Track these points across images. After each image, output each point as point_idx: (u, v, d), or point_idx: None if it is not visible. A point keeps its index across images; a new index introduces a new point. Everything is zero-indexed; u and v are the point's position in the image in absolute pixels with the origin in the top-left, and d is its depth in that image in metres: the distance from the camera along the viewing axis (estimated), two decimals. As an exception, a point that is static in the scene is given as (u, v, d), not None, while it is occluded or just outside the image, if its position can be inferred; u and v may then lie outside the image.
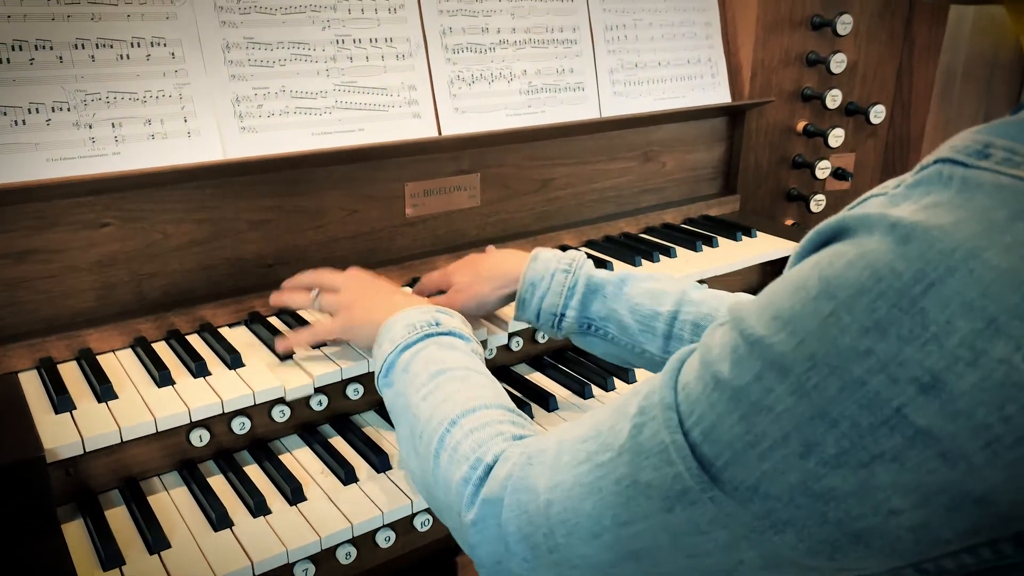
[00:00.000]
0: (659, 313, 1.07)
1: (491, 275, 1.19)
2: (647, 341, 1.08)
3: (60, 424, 1.00)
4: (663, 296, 1.08)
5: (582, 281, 1.12)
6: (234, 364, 1.15)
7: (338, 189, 1.38)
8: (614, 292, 1.10)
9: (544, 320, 1.13)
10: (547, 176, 1.64)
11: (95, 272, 1.19)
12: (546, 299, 1.12)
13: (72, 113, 1.13)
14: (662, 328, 1.06)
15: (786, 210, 2.04)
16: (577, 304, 1.11)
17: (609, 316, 1.10)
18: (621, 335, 1.10)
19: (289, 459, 1.15)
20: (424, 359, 0.96)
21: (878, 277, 0.50)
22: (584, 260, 1.14)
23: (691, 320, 1.05)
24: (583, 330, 1.12)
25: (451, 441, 0.83)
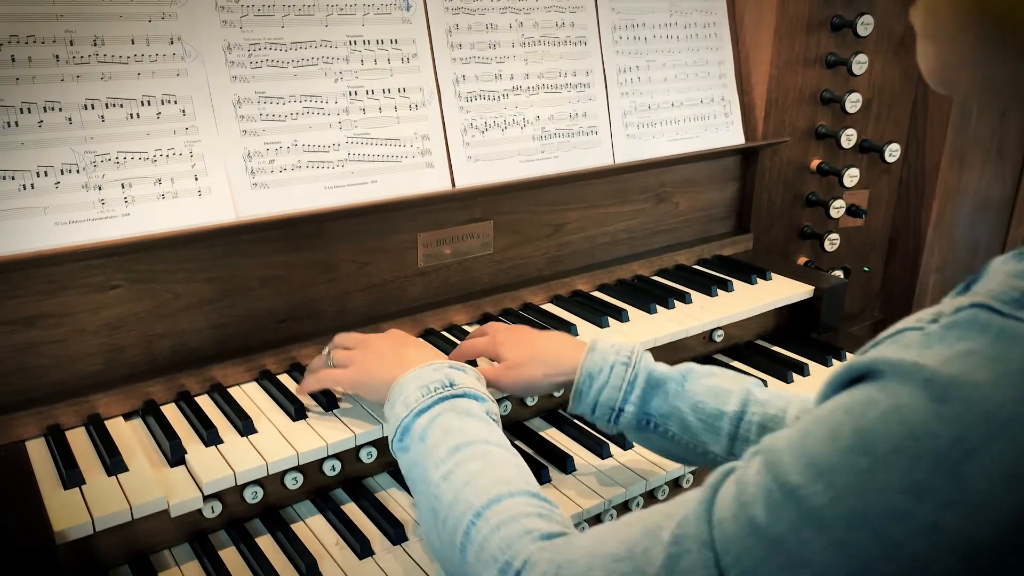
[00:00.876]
0: (724, 413, 1.03)
1: (547, 359, 1.14)
2: (711, 442, 1.04)
3: (69, 502, 0.97)
4: (727, 395, 1.04)
5: (642, 376, 1.07)
6: (246, 431, 1.12)
7: (349, 242, 1.35)
8: (676, 389, 1.06)
9: (600, 414, 1.09)
10: (560, 221, 1.62)
11: (104, 335, 1.16)
12: (604, 392, 1.08)
13: (81, 175, 1.11)
14: (727, 429, 1.03)
15: (799, 248, 2.02)
16: (637, 400, 1.06)
17: (671, 414, 1.06)
18: (683, 434, 1.06)
19: (303, 529, 1.12)
20: (441, 429, 0.93)
21: (915, 437, 0.49)
22: (643, 353, 1.10)
23: (758, 422, 1.02)
24: (642, 427, 1.08)
25: (477, 536, 0.81)
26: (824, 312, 1.73)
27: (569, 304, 1.57)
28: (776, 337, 1.73)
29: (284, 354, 1.29)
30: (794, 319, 1.76)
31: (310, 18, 1.29)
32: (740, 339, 1.70)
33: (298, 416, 1.16)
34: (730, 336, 1.66)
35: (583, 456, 1.30)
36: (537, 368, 1.14)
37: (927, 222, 2.08)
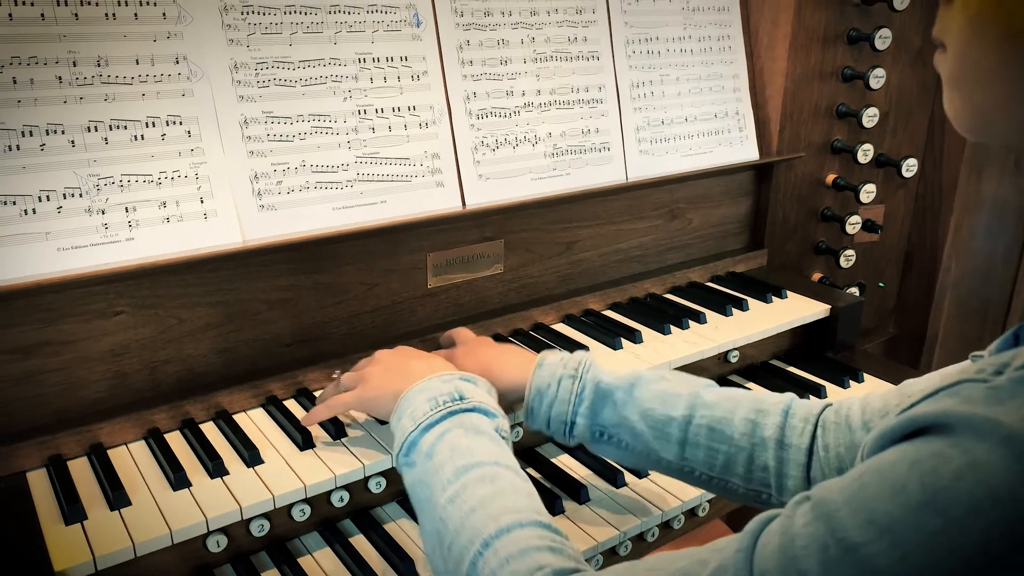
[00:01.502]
0: (672, 419, 1.02)
1: (499, 376, 1.12)
2: (662, 448, 1.02)
3: (71, 539, 0.94)
4: (675, 400, 1.03)
5: (590, 387, 1.06)
6: (252, 461, 1.09)
7: (358, 263, 1.32)
8: (624, 398, 1.05)
9: (555, 428, 1.08)
10: (571, 239, 1.59)
11: (107, 362, 1.13)
12: (554, 407, 1.07)
13: (84, 199, 1.08)
14: (676, 435, 1.01)
15: (814, 264, 1.98)
16: (587, 411, 1.05)
17: (621, 423, 1.05)
18: (634, 442, 1.04)
19: (310, 563, 1.09)
20: (449, 446, 0.91)
21: (995, 499, 0.46)
22: (591, 364, 1.09)
23: (706, 424, 1.01)
24: (596, 438, 1.07)
25: (485, 568, 0.78)
26: (840, 331, 1.69)
27: (581, 324, 1.53)
28: (792, 356, 1.70)
29: (291, 379, 1.26)
30: (810, 338, 1.72)
31: (318, 35, 1.26)
32: (755, 359, 1.67)
33: (306, 446, 1.13)
34: (745, 356, 1.62)
35: (597, 485, 1.27)
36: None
37: (943, 237, 2.04)
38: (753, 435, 0.98)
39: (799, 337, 1.72)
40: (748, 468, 0.98)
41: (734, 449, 0.99)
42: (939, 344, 2.15)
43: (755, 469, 0.98)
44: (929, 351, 2.15)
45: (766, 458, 0.97)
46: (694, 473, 1.02)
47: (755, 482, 0.99)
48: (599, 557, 1.16)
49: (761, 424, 0.98)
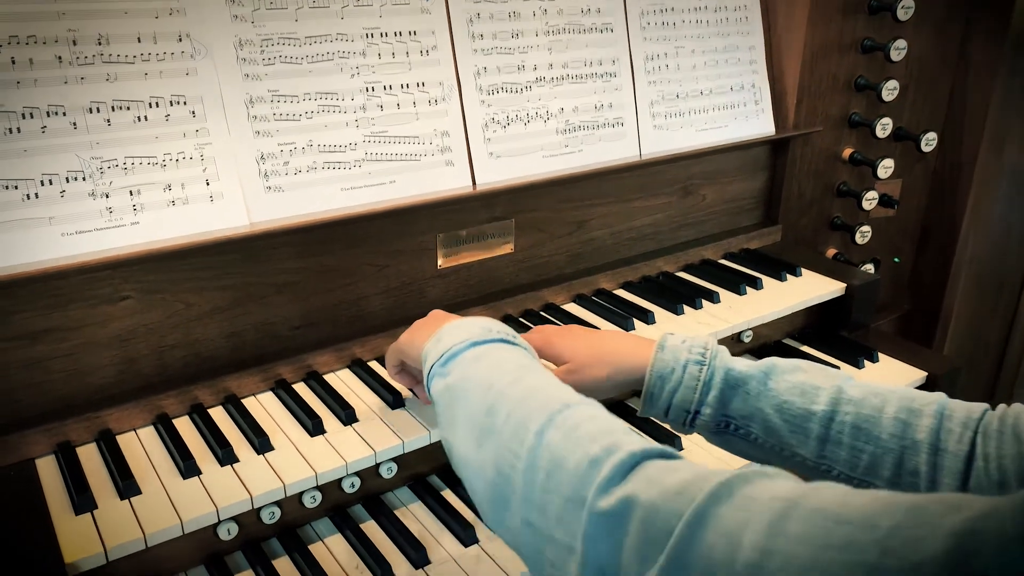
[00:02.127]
0: (813, 414, 0.94)
1: (613, 361, 1.04)
2: (799, 444, 0.95)
3: (81, 530, 0.93)
4: (816, 393, 0.95)
5: (719, 375, 0.98)
6: (262, 448, 1.08)
7: (367, 245, 1.30)
8: (758, 388, 0.96)
9: (674, 417, 1.01)
10: (583, 217, 1.56)
11: (114, 347, 1.12)
12: (677, 395, 0.99)
13: (88, 183, 1.06)
14: (816, 430, 0.93)
15: (829, 239, 1.95)
16: (714, 401, 0.97)
17: (752, 415, 0.97)
18: (767, 437, 0.97)
19: (321, 550, 1.08)
20: (502, 356, 0.84)
21: None
22: (718, 349, 1.01)
23: (850, 422, 0.92)
24: (720, 429, 0.99)
25: (565, 422, 0.71)
26: (856, 309, 1.67)
27: (592, 305, 1.51)
28: (805, 336, 1.68)
29: (300, 363, 1.25)
30: (824, 316, 1.70)
31: (325, 10, 1.22)
32: (769, 338, 1.65)
33: (316, 431, 1.12)
34: (758, 336, 1.60)
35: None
36: (602, 369, 1.05)
37: (961, 213, 2.01)
38: (903, 436, 0.90)
39: (813, 316, 1.70)
40: (896, 471, 0.91)
41: (881, 450, 0.91)
42: (953, 319, 2.13)
43: (904, 473, 0.90)
44: (943, 327, 2.13)
45: (917, 462, 0.89)
46: (832, 472, 0.95)
47: (903, 487, 0.90)
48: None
49: (913, 425, 0.90)
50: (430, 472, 1.23)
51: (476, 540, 1.10)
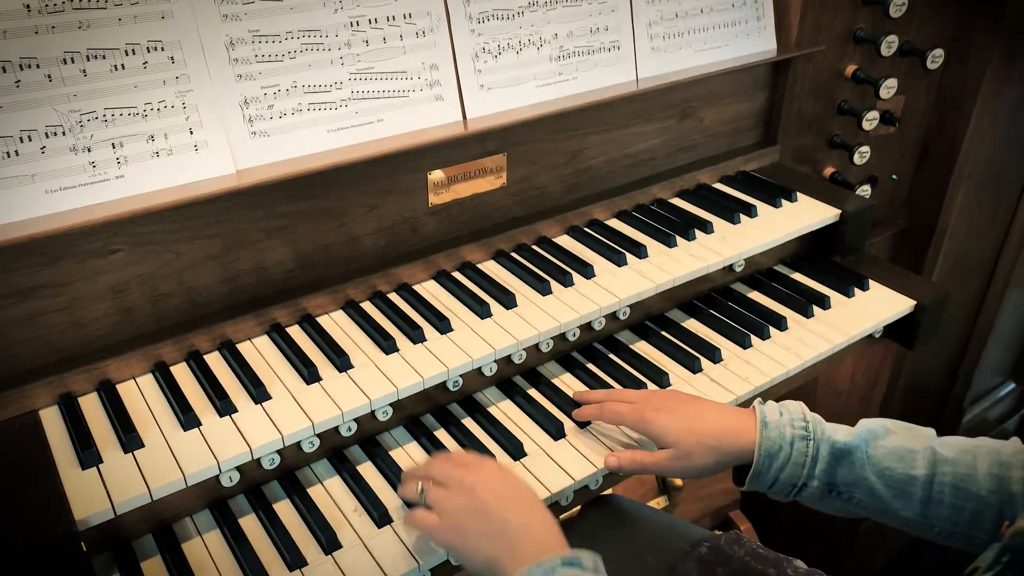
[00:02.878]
0: (915, 479, 1.00)
1: (718, 446, 1.06)
2: (902, 508, 1.01)
3: (88, 485, 0.97)
4: (913, 457, 1.01)
5: (825, 448, 1.03)
6: (260, 398, 1.11)
7: (357, 186, 1.28)
8: (862, 459, 1.02)
9: (779, 490, 1.05)
10: (578, 147, 1.53)
11: (108, 299, 1.12)
12: (785, 471, 1.03)
13: (68, 137, 1.03)
14: (919, 494, 1.00)
15: (827, 158, 1.92)
16: (821, 474, 1.03)
17: (856, 483, 1.02)
18: (870, 501, 1.02)
19: (320, 493, 1.13)
20: None
21: None
22: (818, 420, 1.06)
23: (949, 483, 0.99)
24: (824, 495, 1.05)
25: None
26: (849, 235, 1.67)
27: (585, 237, 1.51)
28: (798, 262, 1.68)
29: (294, 306, 1.26)
30: (818, 241, 1.70)
31: (304, -59, 1.16)
32: (761, 266, 1.65)
33: (311, 379, 1.14)
34: (751, 264, 1.61)
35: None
36: (709, 456, 1.07)
37: (963, 130, 1.97)
38: (1000, 491, 0.96)
39: (807, 241, 1.70)
40: (996, 523, 0.97)
41: (981, 506, 0.97)
42: (948, 236, 2.13)
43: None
44: (937, 243, 2.13)
45: (1015, 513, 0.94)
46: (934, 528, 1.01)
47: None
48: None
49: (1007, 479, 0.96)
50: (424, 412, 1.27)
51: (470, 481, 1.14)
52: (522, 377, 1.34)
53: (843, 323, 1.49)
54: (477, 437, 1.21)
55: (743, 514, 2.39)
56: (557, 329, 1.28)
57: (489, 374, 1.26)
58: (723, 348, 1.40)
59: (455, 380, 1.22)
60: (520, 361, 1.29)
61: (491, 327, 1.26)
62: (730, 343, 1.43)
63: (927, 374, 2.44)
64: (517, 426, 1.24)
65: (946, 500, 0.99)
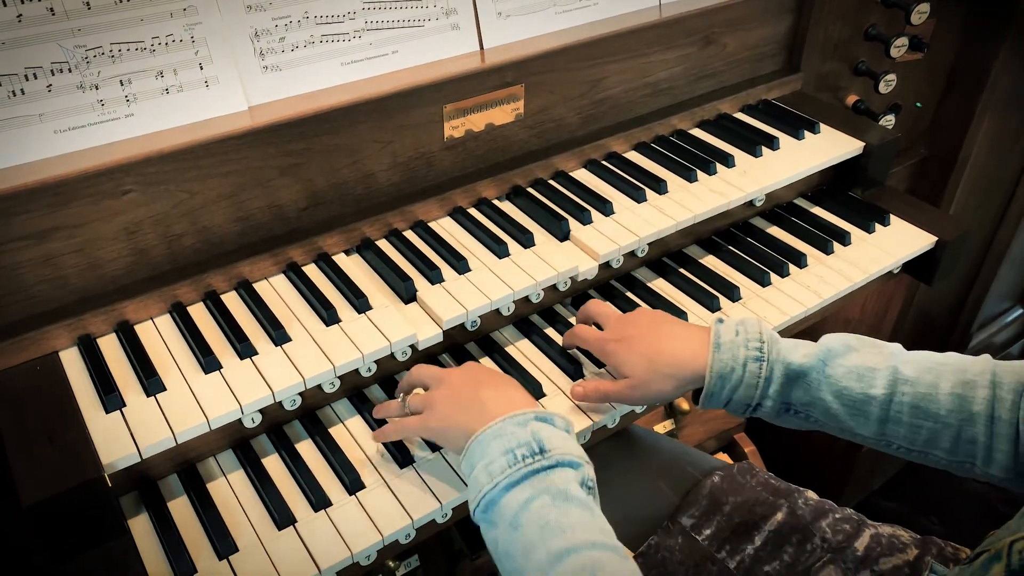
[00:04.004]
0: (872, 398, 0.98)
1: (673, 371, 1.06)
2: (858, 426, 1.00)
3: (112, 428, 0.98)
4: (872, 376, 0.99)
5: (779, 369, 1.02)
6: (279, 340, 1.10)
7: (370, 121, 1.24)
8: (817, 378, 1.01)
9: (734, 408, 1.05)
10: (597, 76, 1.48)
11: (122, 240, 1.11)
12: (738, 392, 1.03)
13: (74, 74, 1.00)
14: (876, 413, 0.99)
15: (851, 85, 1.86)
16: (775, 394, 1.02)
17: (813, 402, 1.02)
18: (827, 420, 1.02)
19: (342, 433, 1.14)
20: (537, 520, 0.84)
21: None
22: (774, 340, 1.04)
23: (908, 402, 0.98)
24: (779, 414, 1.05)
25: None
26: (871, 168, 1.63)
27: (603, 171, 1.47)
28: (818, 195, 1.65)
29: (310, 245, 1.24)
30: (838, 174, 1.66)
31: None
32: (781, 199, 1.63)
33: (331, 321, 1.13)
34: (771, 198, 1.58)
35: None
36: (666, 382, 1.07)
37: (994, 55, 1.90)
38: (961, 410, 0.95)
39: (828, 173, 1.66)
40: (954, 442, 0.96)
41: (940, 425, 0.96)
42: (970, 164, 2.09)
43: (962, 443, 0.96)
44: (958, 172, 2.09)
45: (975, 432, 0.94)
46: (891, 446, 1.01)
47: (960, 454, 0.97)
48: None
49: (969, 398, 0.95)
50: (442, 351, 1.27)
51: (489, 422, 1.15)
52: (539, 316, 1.34)
53: (863, 260, 1.47)
54: (495, 377, 1.21)
55: (747, 437, 2.44)
56: (576, 269, 1.26)
57: (507, 313, 1.26)
58: (742, 286, 1.39)
59: (473, 321, 1.22)
60: (537, 300, 1.28)
61: (509, 267, 1.25)
62: (749, 280, 1.42)
63: (937, 302, 2.43)
64: (535, 365, 1.24)
65: (904, 419, 0.98)
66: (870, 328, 2.35)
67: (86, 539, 0.93)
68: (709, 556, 1.20)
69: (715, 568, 1.19)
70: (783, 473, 1.37)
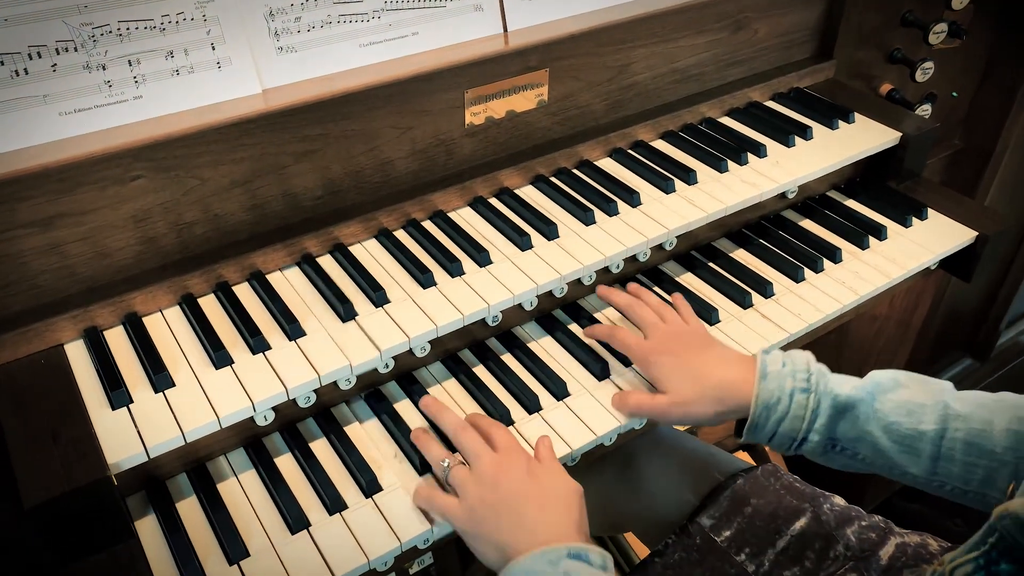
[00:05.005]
0: (923, 433, 0.94)
1: (718, 396, 1.01)
2: (909, 464, 0.95)
3: (119, 426, 0.93)
4: (922, 412, 0.94)
5: (827, 402, 0.97)
6: (294, 334, 1.05)
7: (389, 106, 1.19)
8: (866, 412, 0.96)
9: (778, 443, 1.00)
10: (624, 61, 1.42)
11: (130, 228, 1.06)
12: (784, 423, 0.98)
13: (80, 53, 0.95)
14: (928, 450, 0.94)
15: (886, 73, 1.79)
16: (822, 428, 0.97)
17: (860, 438, 0.97)
18: (875, 457, 0.97)
19: (358, 431, 1.09)
20: None
21: None
22: (822, 372, 1.00)
23: (962, 439, 0.93)
24: (826, 451, 0.99)
25: None
26: (908, 159, 1.57)
27: (629, 160, 1.42)
28: (852, 187, 1.59)
29: (325, 235, 1.19)
30: (873, 166, 1.60)
31: None
32: (814, 192, 1.56)
33: (347, 316, 1.08)
34: (804, 189, 1.52)
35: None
36: (708, 406, 1.03)
37: (1035, 43, 1.82)
38: (1018, 448, 0.91)
39: (862, 165, 1.60)
40: (1011, 482, 0.91)
41: (997, 463, 0.92)
42: (1007, 155, 2.01)
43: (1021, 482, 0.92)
44: (995, 164, 2.01)
45: None
46: (945, 487, 0.96)
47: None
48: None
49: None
50: (462, 347, 1.22)
51: (511, 421, 1.10)
52: (563, 311, 1.28)
53: (900, 255, 1.41)
54: (517, 374, 1.16)
55: (770, 436, 2.38)
56: (602, 262, 1.21)
57: (529, 308, 1.21)
58: (774, 282, 1.33)
59: (495, 316, 1.16)
60: (561, 295, 1.23)
61: (532, 260, 1.19)
62: (781, 275, 1.36)
63: (967, 298, 2.36)
64: (558, 363, 1.19)
65: (957, 457, 0.93)
66: (899, 323, 2.28)
67: (91, 542, 0.89)
68: (727, 558, 1.15)
69: (733, 571, 1.14)
70: (805, 474, 1.32)
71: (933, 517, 2.62)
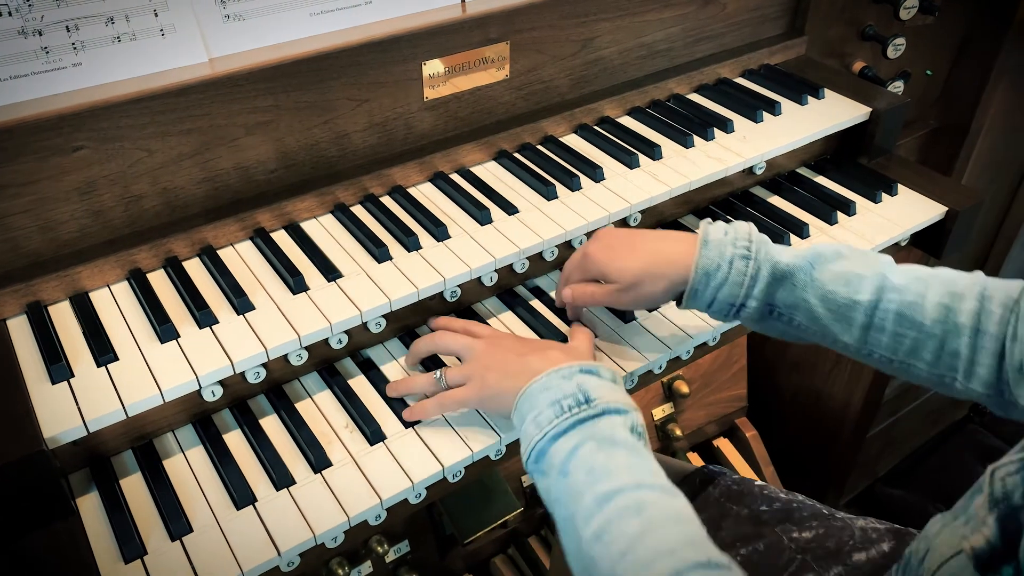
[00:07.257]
0: (857, 303, 0.94)
1: (663, 272, 1.00)
2: (841, 332, 0.96)
3: (58, 400, 0.91)
4: (860, 282, 0.94)
5: (766, 269, 0.96)
6: (243, 308, 1.03)
7: (344, 77, 1.17)
8: (804, 279, 0.96)
9: (717, 310, 1.00)
10: (588, 35, 1.40)
11: (74, 201, 1.04)
12: (723, 290, 0.97)
13: (15, 18, 0.92)
14: (860, 319, 0.94)
15: (858, 51, 1.78)
16: (760, 294, 0.97)
17: (797, 305, 0.97)
18: (810, 324, 0.97)
19: (310, 407, 1.07)
20: (584, 466, 0.82)
21: None
22: (763, 241, 0.99)
23: (894, 309, 0.93)
24: (763, 317, 0.99)
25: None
26: (879, 135, 1.55)
27: (595, 136, 1.40)
28: (822, 164, 1.57)
29: (279, 210, 1.17)
30: (844, 142, 1.58)
31: None
32: (783, 168, 1.55)
33: (298, 289, 1.06)
34: (772, 166, 1.50)
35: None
36: (657, 283, 1.01)
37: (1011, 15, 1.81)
38: (946, 321, 0.91)
39: (832, 141, 1.58)
40: (937, 354, 0.92)
41: (923, 335, 0.92)
42: (982, 135, 2.00)
43: (944, 355, 0.92)
44: (970, 143, 2.00)
45: (958, 345, 0.90)
46: (872, 355, 0.96)
47: (942, 367, 0.93)
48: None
49: (955, 309, 0.90)
50: (421, 323, 1.19)
51: (467, 397, 1.07)
52: (524, 287, 1.26)
53: (868, 230, 1.40)
54: (476, 350, 1.14)
55: (749, 421, 2.36)
56: (563, 236, 1.19)
57: (489, 284, 1.19)
58: (739, 257, 1.31)
59: (453, 290, 1.14)
60: (522, 270, 1.21)
61: (491, 234, 1.17)
62: (747, 251, 1.34)
63: (947, 282, 2.35)
64: (518, 338, 1.17)
65: (888, 327, 0.94)
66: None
67: (28, 518, 0.86)
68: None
69: None
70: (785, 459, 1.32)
71: (914, 502, 2.61)
